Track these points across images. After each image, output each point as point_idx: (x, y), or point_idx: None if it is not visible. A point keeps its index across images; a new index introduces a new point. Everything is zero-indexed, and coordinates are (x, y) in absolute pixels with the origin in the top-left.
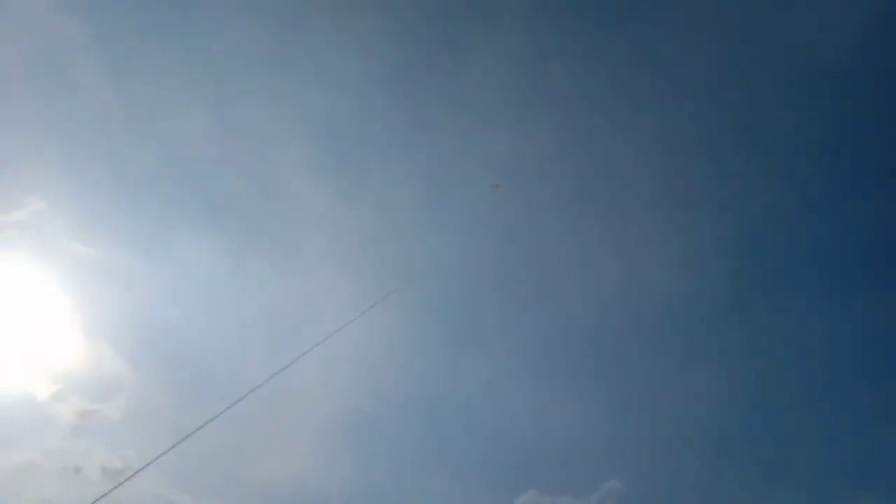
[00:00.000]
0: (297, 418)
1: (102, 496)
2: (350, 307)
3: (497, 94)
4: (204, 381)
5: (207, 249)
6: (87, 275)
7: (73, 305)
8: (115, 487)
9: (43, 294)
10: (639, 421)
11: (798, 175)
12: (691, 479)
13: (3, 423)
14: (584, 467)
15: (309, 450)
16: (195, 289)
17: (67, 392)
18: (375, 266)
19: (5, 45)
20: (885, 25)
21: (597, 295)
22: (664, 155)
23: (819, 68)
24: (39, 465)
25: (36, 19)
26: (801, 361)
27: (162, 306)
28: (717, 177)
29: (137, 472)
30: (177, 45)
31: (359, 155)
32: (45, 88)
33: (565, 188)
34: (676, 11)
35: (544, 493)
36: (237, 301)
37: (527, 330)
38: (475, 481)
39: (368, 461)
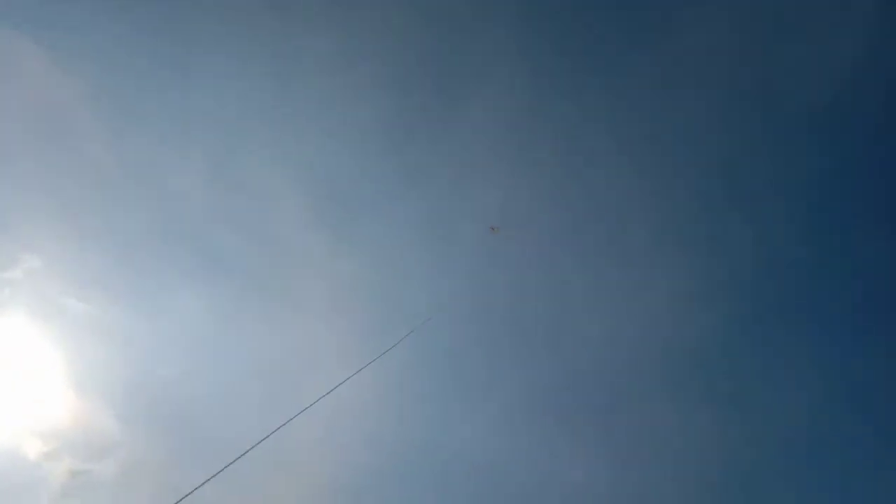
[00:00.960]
0: (297, 475)
1: None
2: (348, 360)
3: (491, 144)
4: (199, 440)
5: (203, 305)
6: (82, 332)
7: (67, 363)
8: None
9: (36, 352)
10: (641, 468)
11: (792, 219)
12: None
13: None
14: None
15: None
16: (191, 346)
17: (60, 451)
18: (373, 318)
19: (3, 102)
20: (870, 66)
21: (595, 342)
22: (658, 202)
23: (809, 111)
24: None
25: (33, 75)
26: (803, 404)
27: (157, 364)
28: (711, 221)
29: None
30: (174, 101)
31: (355, 207)
32: (41, 145)
33: (560, 237)
34: (665, 62)
35: None
36: (233, 358)
37: (524, 379)
38: None
39: None
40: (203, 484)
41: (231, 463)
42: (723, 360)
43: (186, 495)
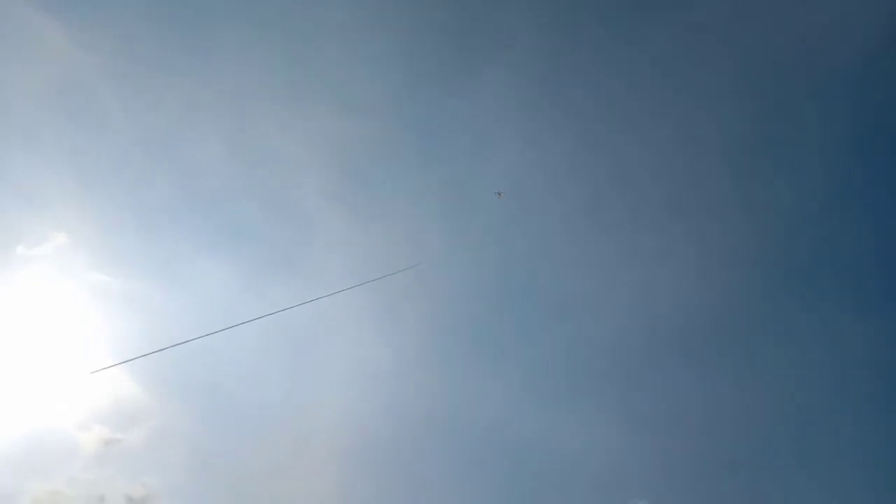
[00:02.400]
0: (317, 442)
1: None
2: (366, 326)
3: (509, 110)
4: (225, 406)
5: (225, 275)
6: (109, 305)
7: (96, 335)
8: None
9: (66, 325)
10: (663, 437)
11: (819, 180)
12: (720, 495)
13: (29, 453)
14: (610, 487)
15: (331, 475)
16: (214, 314)
17: (91, 421)
18: (391, 285)
19: (27, 81)
20: None
21: (614, 309)
22: (679, 163)
23: (836, 71)
24: (64, 494)
25: (55, 52)
26: (824, 369)
27: (182, 333)
28: (734, 185)
29: None
30: (193, 77)
31: (373, 178)
32: (64, 123)
33: (580, 200)
34: (690, 17)
35: None
36: (257, 325)
37: (544, 346)
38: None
39: (390, 483)
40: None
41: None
42: (746, 326)
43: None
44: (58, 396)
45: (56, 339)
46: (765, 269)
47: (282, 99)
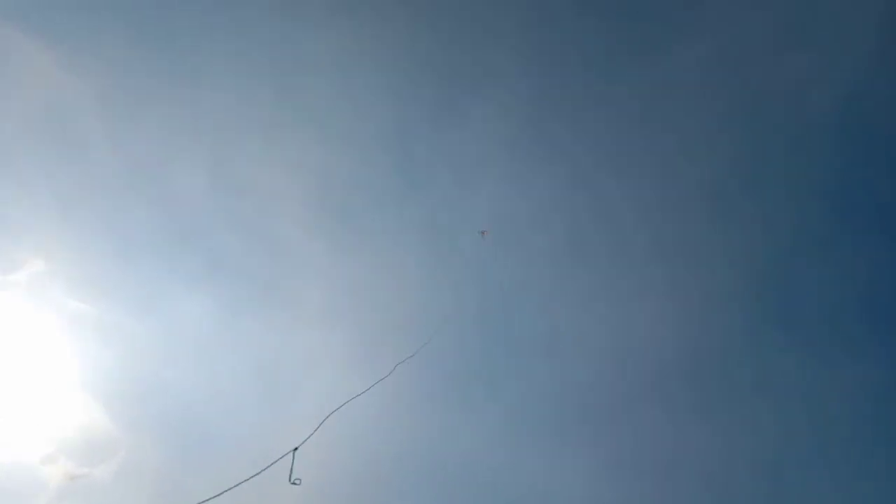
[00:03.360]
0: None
1: None
2: (348, 362)
3: (493, 147)
4: (199, 444)
5: (205, 308)
6: (84, 334)
7: (69, 365)
8: None
9: (38, 354)
10: (641, 479)
11: (794, 227)
12: None
13: None
14: None
15: None
16: (191, 347)
17: (57, 455)
18: (373, 323)
19: (8, 103)
20: (878, 70)
21: (596, 350)
22: (660, 205)
23: (815, 116)
24: None
25: (39, 75)
26: (798, 414)
27: (157, 365)
28: (712, 228)
29: None
30: (178, 105)
31: (356, 212)
32: (45, 147)
33: (561, 238)
34: (674, 60)
35: None
36: (233, 359)
37: (524, 384)
38: None
39: None
40: (222, 493)
41: (256, 474)
42: (723, 370)
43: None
44: (27, 427)
45: (29, 366)
46: (741, 313)
47: (265, 130)
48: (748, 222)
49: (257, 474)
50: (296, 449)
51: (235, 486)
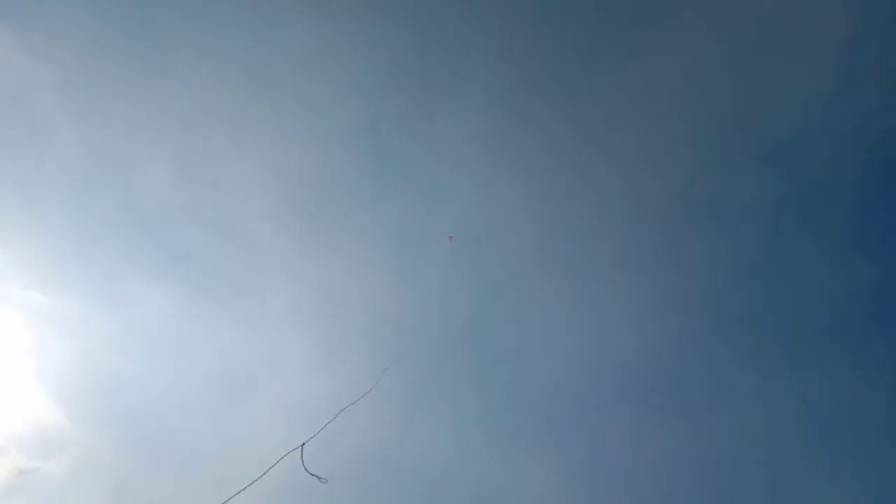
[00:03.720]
0: (250, 480)
1: None
2: (314, 361)
3: (464, 151)
4: (155, 441)
5: (167, 303)
6: (43, 326)
7: (24, 357)
8: None
9: None
10: (605, 485)
11: (752, 239)
12: None
13: None
14: None
15: None
16: (152, 342)
17: (8, 447)
18: (338, 319)
19: None
20: (838, 95)
21: (561, 356)
22: (627, 215)
23: (781, 131)
24: None
25: (2, 62)
26: (756, 419)
27: (117, 360)
28: (681, 238)
29: None
30: (144, 96)
31: (326, 211)
32: (5, 138)
33: (531, 247)
34: (641, 74)
35: None
36: (196, 355)
37: (489, 388)
38: None
39: None
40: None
41: (258, 477)
42: (685, 378)
43: None
44: None
45: None
46: (703, 321)
47: (235, 124)
48: (713, 232)
49: (268, 470)
50: (304, 444)
51: (248, 486)
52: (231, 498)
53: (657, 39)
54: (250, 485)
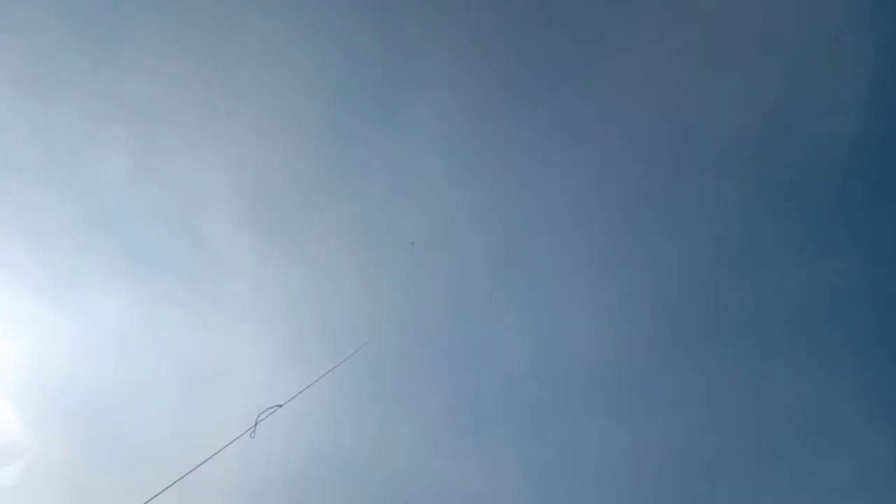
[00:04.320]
0: (209, 481)
1: None
2: (274, 362)
3: (430, 150)
4: (113, 443)
5: (122, 302)
6: None
7: None
8: None
9: None
10: (565, 484)
11: (715, 241)
12: None
13: None
14: None
15: None
16: (108, 342)
17: None
18: (300, 319)
19: None
20: (794, 99)
21: (524, 356)
22: (585, 220)
23: (740, 133)
24: None
25: None
26: (720, 424)
27: (71, 361)
28: (636, 242)
29: None
30: (100, 89)
31: (286, 210)
32: None
33: (496, 247)
34: (603, 76)
35: None
36: (153, 356)
37: (453, 389)
38: None
39: None
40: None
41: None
42: (650, 375)
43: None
44: None
45: None
46: (668, 320)
47: (194, 119)
48: (681, 231)
49: (234, 441)
50: (280, 406)
51: (203, 462)
52: (191, 472)
53: (632, 31)
54: (213, 455)
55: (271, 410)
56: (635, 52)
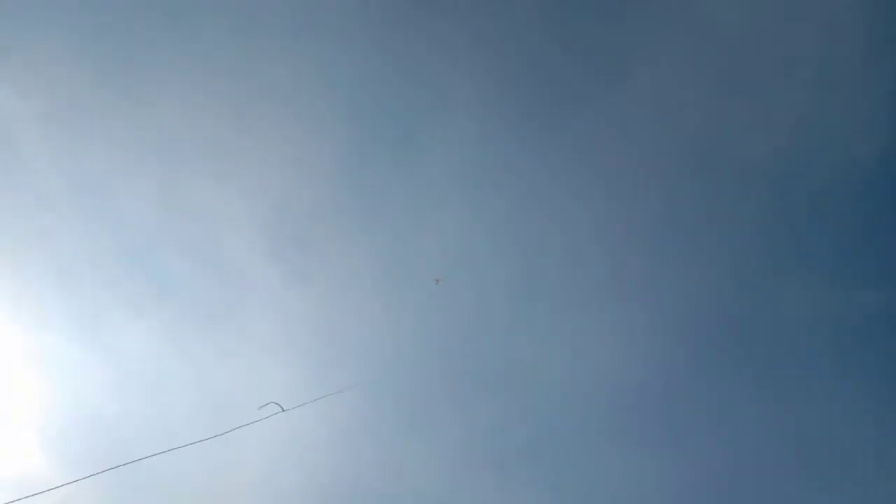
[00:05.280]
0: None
1: None
2: (298, 396)
3: (452, 178)
4: (141, 478)
5: (149, 336)
6: (17, 361)
7: (2, 396)
8: None
9: None
10: None
11: (745, 262)
12: None
13: None
14: None
15: None
16: (135, 378)
17: None
18: (325, 353)
19: None
20: (809, 126)
21: (545, 382)
22: (618, 240)
23: (762, 155)
24: None
25: None
26: (747, 450)
27: (98, 396)
28: (659, 267)
29: None
30: (125, 123)
31: (310, 242)
32: None
33: (518, 271)
34: (623, 100)
35: None
36: (178, 389)
37: (479, 418)
38: None
39: None
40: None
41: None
42: (665, 406)
43: None
44: None
45: None
46: (694, 348)
47: (219, 152)
48: (703, 256)
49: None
50: (284, 410)
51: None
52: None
53: (649, 60)
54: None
55: (274, 407)
56: (656, 77)
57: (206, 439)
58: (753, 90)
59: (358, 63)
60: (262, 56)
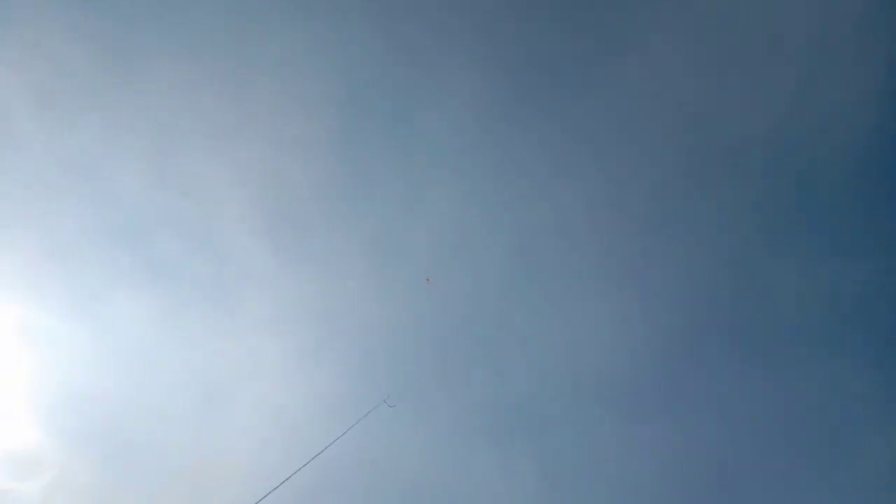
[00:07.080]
0: (227, 493)
1: None
2: (290, 370)
3: (445, 158)
4: (133, 458)
5: (142, 313)
6: (12, 338)
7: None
8: None
9: None
10: (574, 488)
11: (735, 242)
12: None
13: None
14: None
15: None
16: (128, 354)
17: None
18: (316, 328)
19: None
20: (801, 105)
21: (541, 359)
22: (609, 218)
23: (752, 137)
24: None
25: None
26: (741, 424)
27: (91, 374)
28: (662, 240)
29: None
30: (118, 101)
31: (303, 220)
32: None
33: (512, 250)
34: (616, 85)
35: None
36: (172, 366)
37: (470, 393)
38: None
39: None
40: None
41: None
42: (656, 381)
43: None
44: None
45: None
46: (683, 324)
47: (212, 129)
48: (695, 236)
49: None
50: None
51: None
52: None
53: (641, 45)
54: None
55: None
56: (648, 61)
57: (329, 445)
58: (744, 72)
59: (353, 44)
60: (257, 36)
